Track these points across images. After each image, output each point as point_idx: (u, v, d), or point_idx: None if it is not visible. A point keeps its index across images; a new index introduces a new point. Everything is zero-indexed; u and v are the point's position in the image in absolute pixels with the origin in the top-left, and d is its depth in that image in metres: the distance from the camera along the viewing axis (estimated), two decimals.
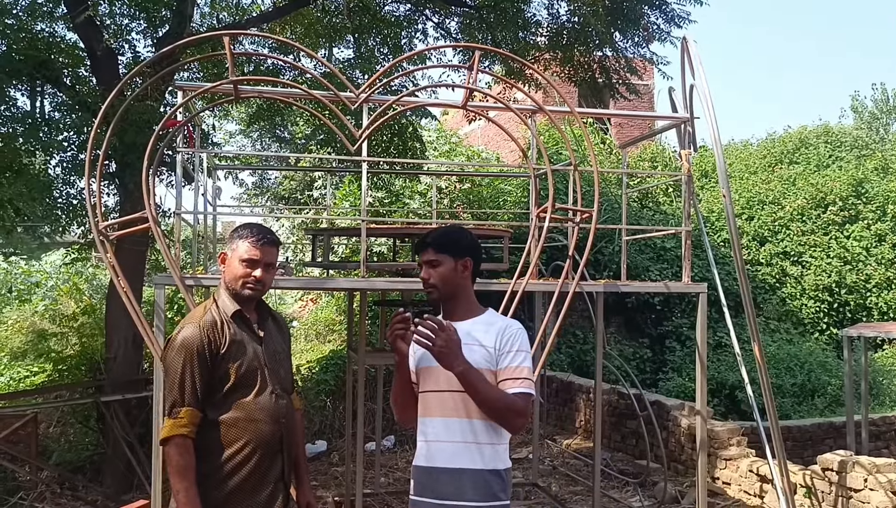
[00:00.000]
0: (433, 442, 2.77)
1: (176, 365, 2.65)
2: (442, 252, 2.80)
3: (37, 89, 7.78)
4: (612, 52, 9.62)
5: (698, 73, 5.58)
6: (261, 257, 2.80)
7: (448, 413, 2.74)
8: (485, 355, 2.72)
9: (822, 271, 14.37)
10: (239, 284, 2.80)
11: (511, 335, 2.76)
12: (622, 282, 6.27)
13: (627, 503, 7.44)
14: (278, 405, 2.80)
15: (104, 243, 4.49)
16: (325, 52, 9.65)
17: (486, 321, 2.83)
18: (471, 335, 2.76)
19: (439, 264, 2.81)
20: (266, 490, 2.73)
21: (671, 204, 15.61)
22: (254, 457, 2.70)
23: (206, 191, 6.17)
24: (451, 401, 2.74)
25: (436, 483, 2.74)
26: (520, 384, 2.71)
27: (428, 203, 12.39)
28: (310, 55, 6.82)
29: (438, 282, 2.81)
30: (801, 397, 11.51)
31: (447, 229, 2.97)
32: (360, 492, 6.15)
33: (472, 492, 2.70)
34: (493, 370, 2.71)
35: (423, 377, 2.83)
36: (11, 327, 11.78)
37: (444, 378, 2.74)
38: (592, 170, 5.23)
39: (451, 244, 2.83)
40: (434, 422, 2.77)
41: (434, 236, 2.86)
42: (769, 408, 5.52)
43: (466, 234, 2.95)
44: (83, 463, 8.19)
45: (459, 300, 2.85)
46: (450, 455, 2.72)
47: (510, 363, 2.72)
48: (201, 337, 2.67)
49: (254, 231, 2.84)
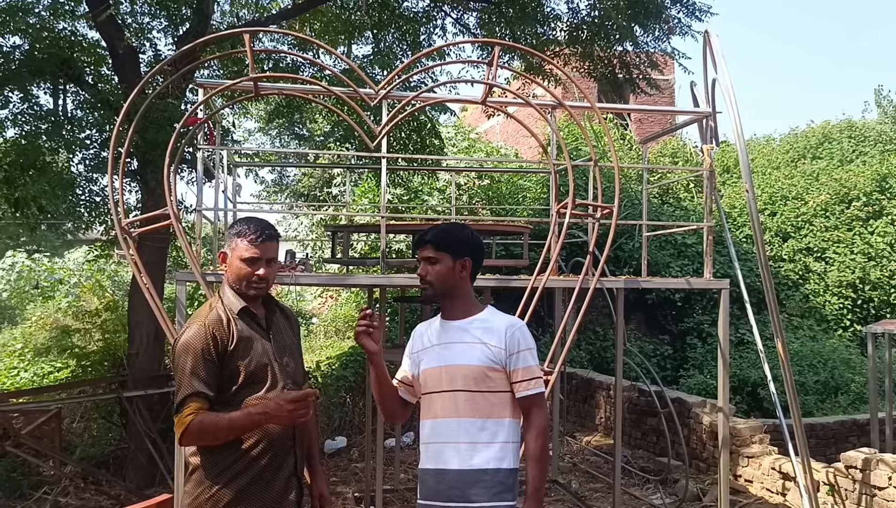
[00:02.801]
0: (437, 444, 2.75)
1: (182, 365, 2.60)
2: (441, 250, 2.79)
3: (59, 88, 7.85)
4: (632, 47, 9.54)
5: (721, 66, 5.52)
6: (261, 254, 2.72)
7: (454, 414, 2.72)
8: (487, 353, 2.71)
9: (845, 267, 14.19)
10: (243, 284, 2.73)
11: (517, 334, 2.76)
12: (643, 278, 6.23)
13: (648, 500, 7.39)
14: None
15: (127, 240, 4.53)
16: (343, 48, 9.66)
17: (485, 318, 2.82)
18: (470, 333, 2.76)
19: (438, 261, 2.79)
20: (279, 485, 2.69)
21: (692, 200, 15.48)
22: (266, 453, 2.66)
23: (226, 188, 6.20)
24: (456, 402, 2.72)
25: (439, 485, 2.72)
26: (534, 384, 2.75)
27: (447, 200, 12.38)
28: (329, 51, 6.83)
29: (435, 280, 2.80)
30: (825, 394, 11.39)
31: (448, 228, 2.94)
32: (381, 488, 6.17)
33: (476, 493, 2.67)
34: (497, 367, 2.71)
35: (424, 380, 2.82)
36: (35, 323, 11.93)
37: (447, 379, 2.74)
38: (613, 166, 5.19)
39: (452, 243, 2.81)
40: (439, 423, 2.76)
41: (434, 234, 2.82)
42: (792, 405, 5.46)
43: (468, 233, 2.91)
44: (106, 458, 8.27)
45: (457, 299, 2.84)
46: (454, 455, 2.70)
47: (521, 364, 2.74)
48: (206, 336, 2.61)
49: (252, 228, 2.74)
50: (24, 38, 7.29)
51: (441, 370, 2.75)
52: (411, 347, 2.94)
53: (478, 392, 2.70)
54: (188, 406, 2.54)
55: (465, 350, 2.73)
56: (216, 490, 2.62)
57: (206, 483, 2.64)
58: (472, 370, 2.70)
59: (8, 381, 10.43)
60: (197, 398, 2.55)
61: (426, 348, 2.85)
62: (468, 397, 2.70)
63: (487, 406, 2.70)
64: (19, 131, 7.56)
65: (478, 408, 2.70)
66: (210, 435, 2.55)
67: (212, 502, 2.62)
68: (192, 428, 2.53)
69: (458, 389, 2.71)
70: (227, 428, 2.54)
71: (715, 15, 9.27)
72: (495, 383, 2.72)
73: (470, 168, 13.20)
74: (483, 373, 2.70)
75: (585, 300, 5.00)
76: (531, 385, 2.74)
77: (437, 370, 2.77)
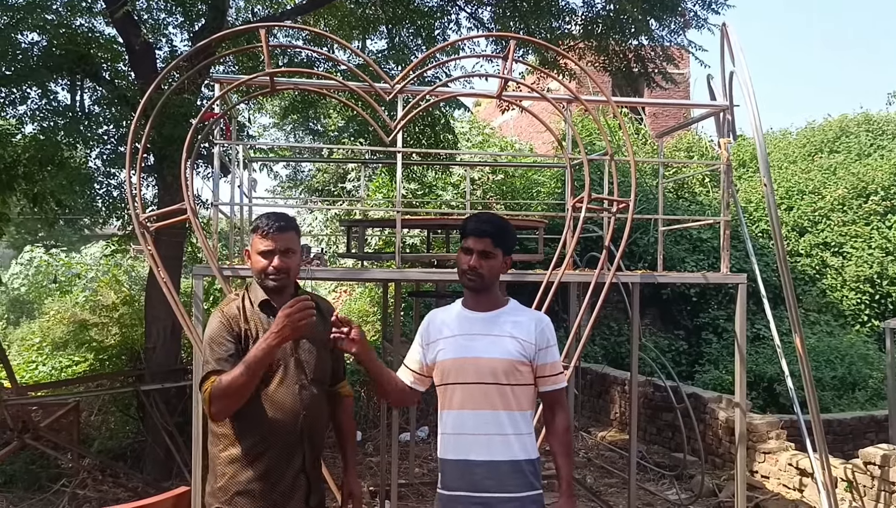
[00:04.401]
0: (464, 435, 2.76)
1: (206, 347, 2.69)
2: (498, 246, 2.80)
3: (77, 84, 7.90)
4: (647, 41, 9.48)
5: (738, 59, 5.48)
6: (275, 245, 2.73)
7: (479, 406, 2.73)
8: (518, 347, 2.74)
9: (863, 261, 14.07)
10: (263, 277, 2.76)
11: (546, 330, 2.82)
12: (659, 273, 6.20)
13: (664, 496, 7.37)
14: (300, 398, 2.73)
15: (145, 235, 4.55)
16: (358, 43, 9.66)
17: (513, 312, 2.85)
18: (499, 326, 2.79)
19: (493, 257, 2.80)
20: (285, 483, 2.69)
21: (707, 194, 15.39)
22: (270, 450, 2.67)
23: (242, 183, 6.22)
24: (482, 393, 2.73)
25: (472, 476, 2.73)
26: (560, 379, 2.83)
27: (461, 195, 12.37)
28: (344, 46, 6.83)
29: (487, 274, 2.80)
30: (842, 390, 11.31)
31: (503, 224, 2.91)
32: (395, 482, 6.19)
33: (512, 483, 2.70)
34: (525, 361, 2.75)
35: (445, 370, 2.81)
36: (53, 317, 12.04)
37: (474, 371, 2.74)
38: (628, 160, 5.17)
39: (507, 240, 2.84)
40: (463, 415, 2.76)
41: (493, 228, 2.81)
42: (810, 401, 5.42)
43: (513, 229, 2.94)
44: (124, 451, 8.34)
45: (492, 292, 2.86)
46: (485, 447, 2.72)
47: (548, 359, 2.80)
48: (223, 324, 2.69)
49: (264, 221, 2.78)
50: (42, 34, 7.35)
51: (467, 361, 2.75)
52: (426, 335, 2.91)
53: (507, 385, 2.73)
54: (207, 382, 2.62)
55: (495, 343, 2.75)
56: (224, 480, 2.69)
57: (215, 472, 2.74)
58: (503, 364, 2.73)
59: (27, 375, 10.54)
60: (215, 374, 2.61)
61: (446, 337, 2.83)
62: (498, 390, 2.72)
63: (515, 399, 2.74)
64: (37, 127, 7.63)
65: (508, 401, 2.73)
66: (232, 390, 2.56)
67: (221, 491, 2.69)
68: (215, 393, 2.57)
69: (487, 381, 2.72)
70: (241, 373, 2.54)
71: (732, 7, 9.18)
72: (523, 376, 2.76)
73: (484, 163, 13.18)
74: (513, 367, 2.73)
75: (601, 295, 4.99)
76: (558, 380, 2.82)
77: (461, 361, 2.76)
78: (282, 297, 2.77)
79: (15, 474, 7.61)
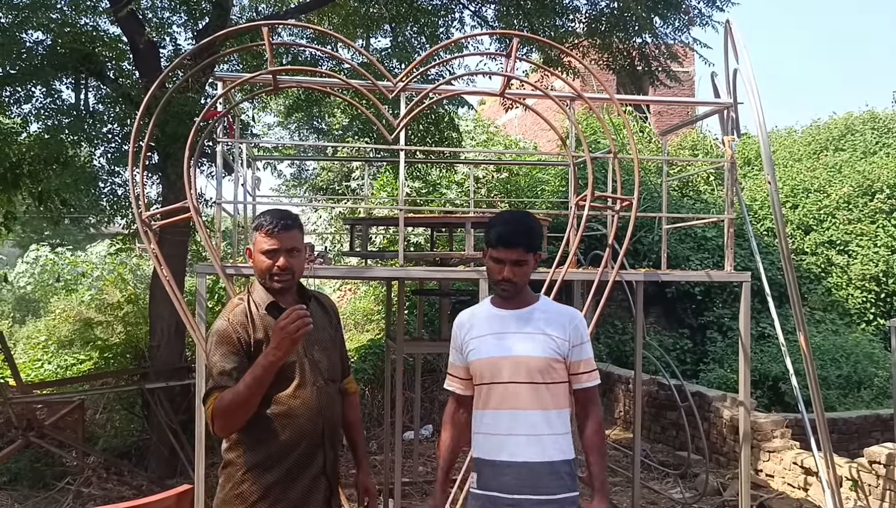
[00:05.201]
0: (497, 435, 2.70)
1: (209, 360, 2.60)
2: (530, 251, 2.72)
3: (81, 82, 7.93)
4: (651, 39, 9.45)
5: (742, 57, 5.46)
6: (279, 244, 2.63)
7: (512, 405, 2.68)
8: (551, 344, 2.69)
9: (868, 260, 14.01)
10: (267, 277, 2.66)
11: (579, 326, 2.77)
12: (663, 271, 6.18)
13: (668, 494, 7.36)
14: (320, 399, 2.67)
15: (148, 233, 4.56)
16: (362, 41, 9.66)
17: (545, 309, 2.80)
18: (531, 323, 2.73)
19: (526, 263, 2.73)
20: (304, 485, 2.63)
21: (712, 193, 15.36)
22: (293, 453, 2.60)
23: (245, 181, 6.23)
24: (515, 393, 2.67)
25: (503, 477, 2.67)
26: (593, 376, 2.78)
27: (465, 193, 12.36)
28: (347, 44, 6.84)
29: (522, 281, 2.75)
30: (847, 389, 11.27)
31: (531, 224, 2.79)
32: (399, 480, 6.19)
33: (548, 485, 2.66)
34: (559, 358, 2.70)
35: (479, 370, 2.76)
36: (59, 316, 12.10)
37: (509, 370, 2.68)
38: (632, 158, 5.15)
39: (537, 241, 2.76)
40: (496, 414, 2.71)
41: (523, 235, 2.71)
42: (815, 400, 5.40)
43: (539, 224, 2.85)
44: (128, 449, 8.36)
45: (522, 291, 2.80)
46: (517, 448, 2.66)
47: (582, 356, 2.75)
48: (230, 331, 2.58)
49: (267, 219, 2.67)
50: (47, 33, 7.37)
51: (500, 360, 2.69)
52: (458, 337, 2.88)
53: (542, 384, 2.68)
54: (210, 398, 2.53)
55: (528, 341, 2.70)
56: (243, 486, 2.60)
57: (234, 479, 2.63)
58: (538, 362, 2.68)
59: (32, 373, 10.58)
60: (219, 390, 2.52)
61: (476, 336, 2.78)
62: (533, 388, 2.67)
63: (550, 398, 2.69)
64: (42, 126, 7.65)
65: (543, 400, 2.68)
66: (235, 406, 2.49)
67: (240, 499, 2.60)
68: (217, 411, 2.50)
69: (522, 381, 2.67)
70: (244, 390, 2.47)
71: (736, 4, 9.16)
72: (558, 374, 2.71)
73: (488, 161, 13.18)
74: (548, 365, 2.68)
75: (604, 294, 4.97)
76: (592, 377, 2.78)
77: (494, 361, 2.71)
78: (287, 297, 2.70)
79: (20, 472, 7.64)
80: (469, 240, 5.50)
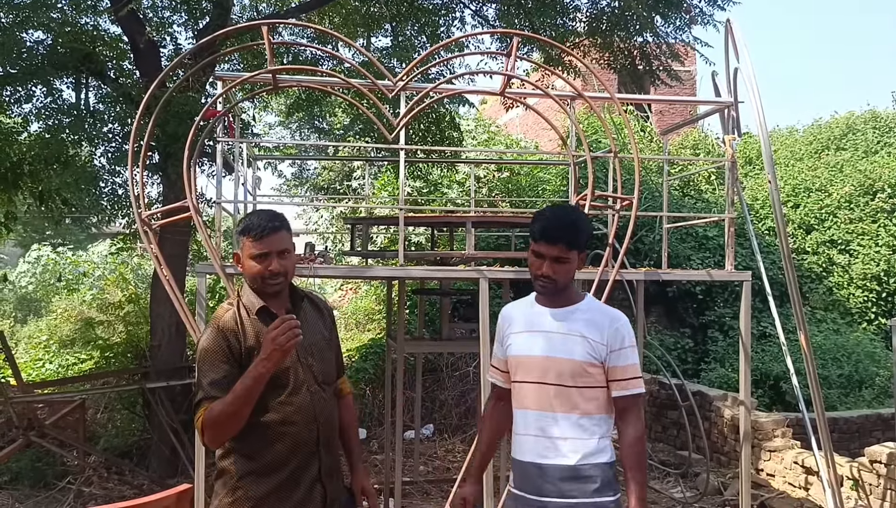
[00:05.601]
0: (525, 436, 2.66)
1: (199, 369, 2.54)
2: (573, 249, 2.59)
3: (82, 82, 7.94)
4: (652, 38, 9.45)
5: (743, 56, 5.45)
6: (269, 248, 2.55)
7: (540, 406, 2.62)
8: (587, 348, 2.58)
9: (870, 259, 13.99)
10: (259, 282, 2.58)
11: (621, 330, 2.62)
12: (663, 270, 6.18)
13: (669, 494, 7.36)
14: (314, 404, 2.61)
15: (147, 233, 4.56)
16: (362, 41, 9.66)
17: (587, 310, 2.68)
18: (570, 324, 2.63)
19: (568, 261, 2.59)
20: (300, 492, 2.58)
21: (713, 192, 15.34)
22: (288, 459, 2.56)
23: (245, 181, 6.23)
24: (543, 394, 2.61)
25: (529, 478, 2.63)
26: (633, 384, 2.61)
27: (466, 192, 12.36)
28: (348, 43, 6.84)
29: (563, 279, 2.62)
30: (848, 388, 11.25)
31: (575, 220, 2.67)
32: (399, 480, 6.19)
33: (572, 489, 2.57)
34: (597, 362, 2.58)
35: (514, 366, 2.70)
36: (60, 315, 12.10)
37: (540, 370, 2.61)
38: (633, 157, 5.15)
39: (581, 239, 2.62)
40: (529, 415, 2.65)
41: (566, 231, 2.59)
42: (816, 399, 5.40)
43: (586, 221, 2.73)
44: (129, 448, 8.36)
45: (565, 290, 2.68)
46: (540, 449, 2.61)
47: (622, 362, 2.60)
48: (219, 339, 2.52)
49: (255, 222, 2.58)
50: (48, 33, 7.38)
51: (533, 359, 2.62)
52: (500, 330, 2.81)
53: (573, 388, 2.58)
54: (200, 409, 2.49)
55: (564, 343, 2.60)
56: (237, 494, 2.56)
57: (227, 486, 2.59)
58: (571, 365, 2.58)
59: (33, 372, 10.59)
60: (209, 401, 2.47)
61: (515, 332, 2.72)
62: (561, 391, 2.58)
63: (582, 402, 2.59)
64: (43, 125, 7.66)
65: (571, 403, 2.58)
66: (225, 417, 2.44)
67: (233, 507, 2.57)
68: (207, 423, 2.46)
69: (551, 382, 2.59)
70: (234, 401, 2.42)
71: (737, 4, 9.15)
72: (594, 378, 2.59)
73: (489, 160, 13.17)
74: (582, 368, 2.57)
75: (605, 293, 4.97)
76: (631, 385, 2.60)
77: (527, 359, 2.65)
78: (278, 299, 2.64)
79: (21, 471, 7.64)
80: (470, 239, 5.50)
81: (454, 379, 10.44)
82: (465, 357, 10.42)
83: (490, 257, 7.60)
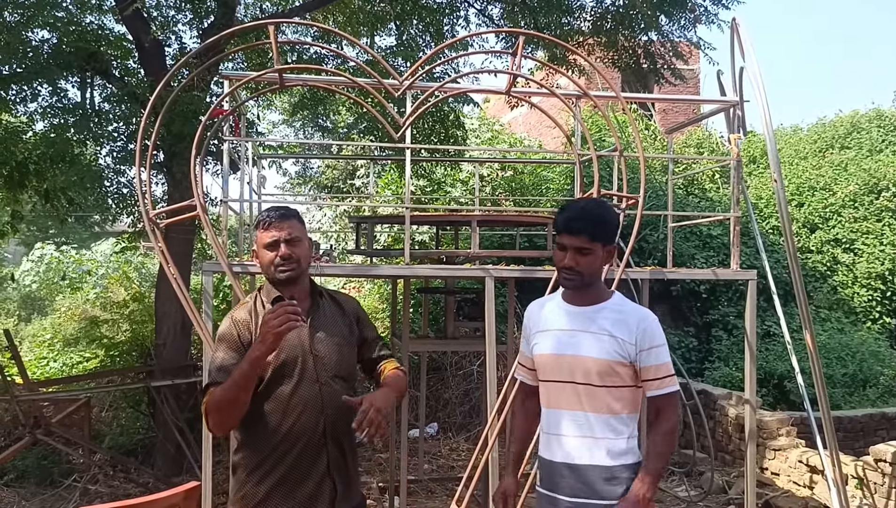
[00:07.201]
0: (554, 435, 2.64)
1: (213, 356, 2.63)
2: (596, 240, 2.55)
3: (87, 81, 7.95)
4: (657, 37, 9.44)
5: (748, 55, 5.45)
6: (279, 234, 2.63)
7: (569, 406, 2.59)
8: (615, 347, 2.54)
9: (875, 258, 13.97)
10: (272, 270, 2.65)
11: (650, 329, 2.58)
12: (668, 269, 6.18)
13: (673, 492, 7.36)
14: (321, 397, 2.61)
15: (155, 231, 4.57)
16: (367, 39, 9.66)
17: (615, 308, 2.63)
18: (597, 322, 2.59)
19: (591, 252, 2.55)
20: (309, 486, 2.59)
21: (718, 191, 15.31)
22: (293, 451, 2.57)
23: (251, 179, 6.23)
24: (572, 393, 2.58)
25: (557, 478, 2.61)
26: (667, 382, 2.58)
27: (470, 191, 12.36)
28: (353, 42, 6.84)
29: (586, 271, 2.57)
30: (853, 387, 11.23)
31: (602, 213, 2.63)
32: (405, 478, 6.20)
33: (603, 489, 2.54)
34: (625, 362, 2.55)
35: (541, 365, 2.68)
36: (64, 314, 12.13)
37: (567, 369, 2.59)
38: (637, 156, 5.15)
39: (606, 231, 2.59)
40: (555, 414, 2.63)
41: (589, 222, 2.55)
42: (821, 398, 5.39)
43: (614, 215, 2.70)
44: (135, 447, 8.39)
45: (592, 286, 2.64)
46: (570, 449, 2.59)
47: (654, 361, 2.56)
48: (232, 328, 2.61)
49: (265, 214, 2.70)
50: (53, 32, 7.39)
51: (560, 358, 2.60)
52: (526, 328, 2.80)
53: (601, 387, 2.56)
54: (207, 394, 2.55)
55: (591, 342, 2.56)
56: (247, 488, 2.60)
57: (239, 481, 2.64)
58: (598, 364, 2.55)
59: (38, 371, 10.62)
60: (215, 386, 2.53)
61: (541, 331, 2.70)
62: (589, 391, 2.56)
63: (610, 401, 2.56)
64: (48, 124, 7.67)
65: (599, 403, 2.55)
66: (225, 402, 2.49)
67: (243, 502, 2.60)
68: (209, 408, 2.52)
69: (578, 381, 2.56)
70: (231, 386, 2.46)
71: (742, 3, 9.13)
72: (622, 378, 2.56)
73: (494, 159, 13.16)
74: (610, 368, 2.54)
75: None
76: (664, 384, 2.57)
77: (555, 358, 2.62)
78: (294, 291, 2.66)
79: (27, 469, 7.67)
80: (474, 238, 5.50)
81: (458, 378, 10.45)
82: (469, 356, 10.42)
83: (495, 256, 7.61)
